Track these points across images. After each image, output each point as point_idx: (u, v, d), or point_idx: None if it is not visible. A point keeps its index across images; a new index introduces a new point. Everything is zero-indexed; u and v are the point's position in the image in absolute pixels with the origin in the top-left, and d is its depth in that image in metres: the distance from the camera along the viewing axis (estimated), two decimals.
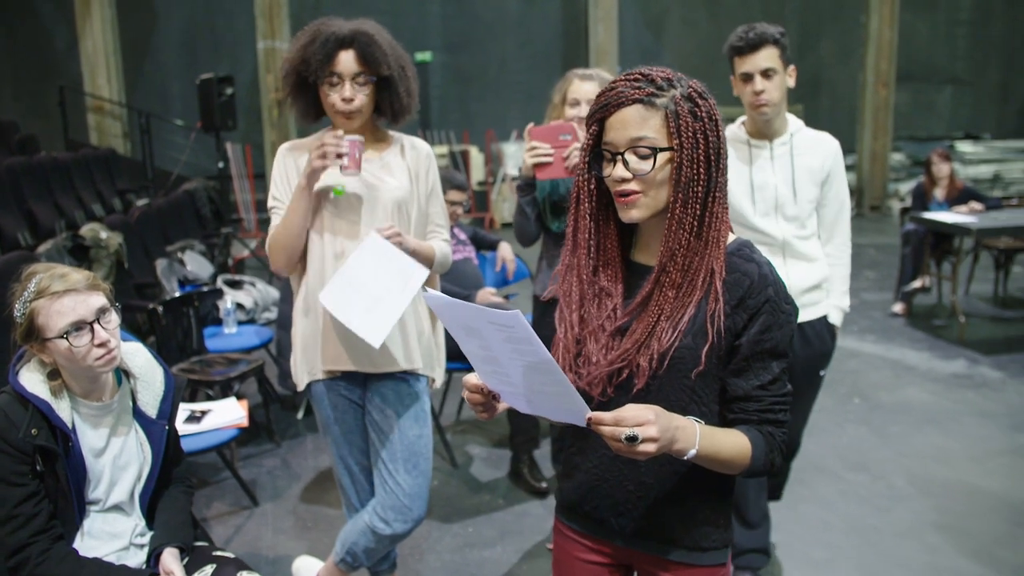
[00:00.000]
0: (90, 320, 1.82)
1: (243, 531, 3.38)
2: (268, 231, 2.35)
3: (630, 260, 1.45)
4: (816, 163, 2.60)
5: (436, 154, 2.43)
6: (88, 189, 7.26)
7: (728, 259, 1.36)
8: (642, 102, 1.31)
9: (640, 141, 1.31)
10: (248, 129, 10.29)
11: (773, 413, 1.37)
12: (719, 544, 1.45)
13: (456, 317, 1.24)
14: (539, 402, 1.28)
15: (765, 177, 2.61)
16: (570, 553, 1.55)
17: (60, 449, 1.83)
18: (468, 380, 1.35)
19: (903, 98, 11.98)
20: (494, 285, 4.32)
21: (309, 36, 2.20)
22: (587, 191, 1.41)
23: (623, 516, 1.45)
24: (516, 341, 1.16)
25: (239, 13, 10.72)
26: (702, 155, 1.31)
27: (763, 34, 2.46)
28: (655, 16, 12.13)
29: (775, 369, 1.37)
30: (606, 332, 1.40)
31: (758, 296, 1.34)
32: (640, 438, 1.17)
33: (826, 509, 3.44)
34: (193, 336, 4.11)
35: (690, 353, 1.34)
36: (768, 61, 2.48)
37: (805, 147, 2.61)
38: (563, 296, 1.45)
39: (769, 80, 2.49)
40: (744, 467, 1.34)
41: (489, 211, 10.68)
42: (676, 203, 1.32)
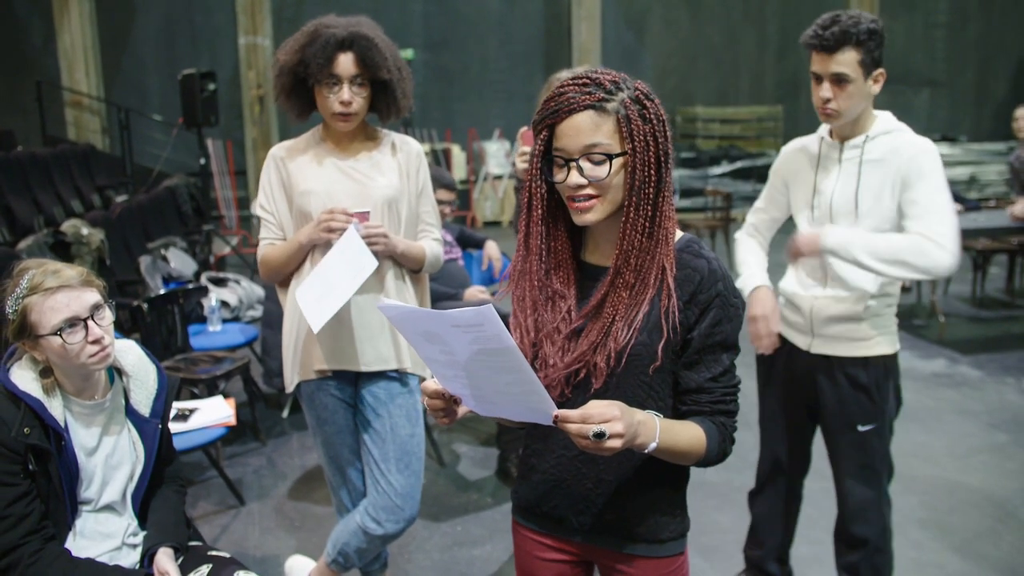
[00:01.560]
0: (84, 317, 1.80)
1: (229, 530, 3.36)
2: (259, 241, 2.38)
3: (581, 261, 1.47)
4: (887, 172, 2.18)
5: None
6: (67, 185, 7.17)
7: (678, 255, 1.39)
8: (593, 107, 1.31)
9: (594, 148, 1.32)
10: (228, 125, 10.20)
11: (724, 404, 1.41)
12: (676, 534, 1.49)
13: (414, 325, 1.24)
14: (503, 403, 1.28)
15: (828, 183, 2.29)
16: (531, 553, 1.58)
17: (53, 448, 1.81)
18: (427, 387, 1.35)
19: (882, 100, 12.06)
20: (481, 283, 4.32)
21: (308, 37, 2.18)
22: (539, 197, 1.41)
23: (583, 513, 1.48)
24: (484, 340, 1.16)
25: (218, 8, 10.63)
26: (652, 157, 1.33)
27: (844, 33, 2.07)
28: (637, 15, 12.17)
29: (725, 361, 1.41)
30: (561, 334, 1.41)
31: (709, 291, 1.37)
32: (607, 434, 1.19)
33: (812, 506, 3.46)
34: (178, 334, 4.07)
35: (646, 350, 1.37)
36: (842, 66, 2.10)
37: (879, 153, 2.20)
38: (516, 301, 1.47)
39: (841, 88, 2.13)
40: (699, 457, 1.39)
41: (471, 210, 10.67)
42: (630, 206, 1.34)
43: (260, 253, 2.35)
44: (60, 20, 9.53)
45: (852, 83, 2.11)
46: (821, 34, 2.11)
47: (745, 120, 11.95)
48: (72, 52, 9.59)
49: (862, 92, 2.14)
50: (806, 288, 2.38)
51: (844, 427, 2.37)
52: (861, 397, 2.32)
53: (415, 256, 2.36)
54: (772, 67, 12.78)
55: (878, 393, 2.32)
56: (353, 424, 2.43)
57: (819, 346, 2.36)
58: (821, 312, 2.33)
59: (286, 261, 2.31)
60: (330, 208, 2.20)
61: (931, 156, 2.16)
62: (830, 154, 2.29)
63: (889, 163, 2.18)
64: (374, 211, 2.27)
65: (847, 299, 2.29)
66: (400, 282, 2.36)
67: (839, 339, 2.32)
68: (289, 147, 2.35)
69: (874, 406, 2.33)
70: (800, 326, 2.39)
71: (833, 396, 2.36)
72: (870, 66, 2.12)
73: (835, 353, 2.33)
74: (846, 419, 2.35)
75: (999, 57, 13.43)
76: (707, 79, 12.49)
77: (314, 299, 2.18)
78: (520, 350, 1.43)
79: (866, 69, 2.12)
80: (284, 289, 2.39)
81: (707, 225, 8.51)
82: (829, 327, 2.32)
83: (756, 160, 11.40)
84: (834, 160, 2.28)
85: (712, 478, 3.64)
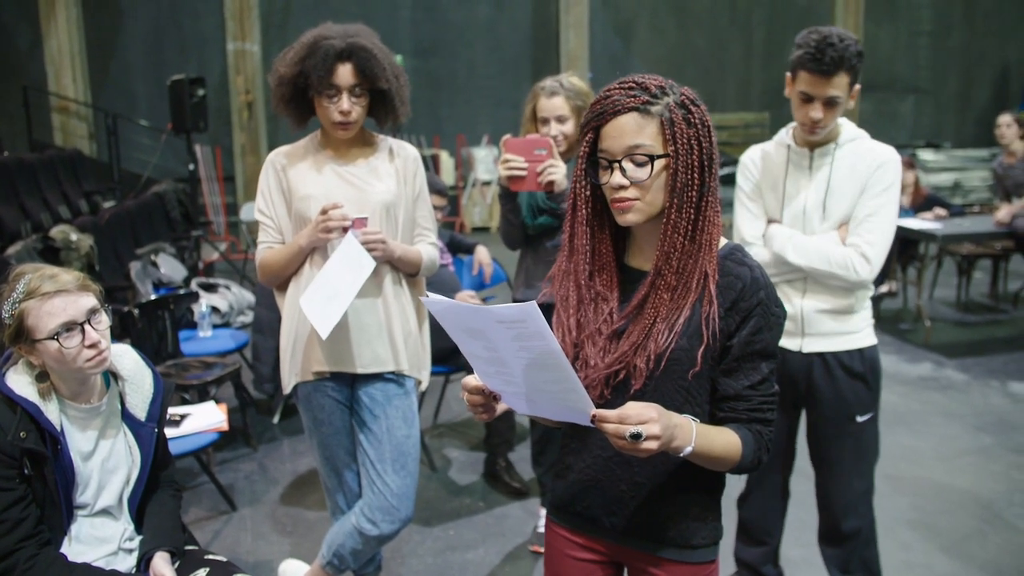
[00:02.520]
0: (81, 321, 1.80)
1: (222, 536, 3.35)
2: (257, 244, 2.40)
3: (624, 265, 1.48)
4: (856, 179, 2.27)
5: None
6: (54, 191, 7.13)
7: (721, 263, 1.40)
8: (638, 110, 1.34)
9: (637, 149, 1.34)
10: (217, 131, 10.18)
11: (761, 412, 1.42)
12: (708, 541, 1.49)
13: (458, 320, 1.25)
14: (541, 401, 1.29)
15: (797, 188, 2.35)
16: (561, 551, 1.58)
17: (49, 452, 1.81)
18: (468, 382, 1.36)
19: (867, 107, 12.22)
20: (471, 288, 4.34)
21: (307, 49, 2.20)
22: (583, 198, 1.43)
23: (615, 515, 1.48)
24: (526, 337, 1.18)
25: (206, 14, 10.61)
26: (696, 161, 1.35)
27: (840, 59, 2.12)
28: (624, 23, 12.23)
29: (764, 370, 1.41)
30: (603, 335, 1.42)
31: (750, 299, 1.38)
32: (644, 435, 1.20)
33: (802, 509, 3.49)
34: (168, 339, 4.06)
35: (686, 354, 1.37)
36: (837, 89, 2.16)
37: (850, 160, 2.29)
38: (560, 301, 1.48)
39: (831, 109, 2.20)
40: (734, 464, 1.39)
41: (460, 215, 10.68)
42: (672, 208, 1.35)
43: (259, 257, 2.36)
44: (46, 25, 9.49)
45: (840, 104, 2.20)
46: (820, 59, 2.13)
47: (732, 127, 12.01)
48: (59, 57, 9.56)
49: (843, 108, 2.24)
50: (789, 297, 2.39)
51: (843, 419, 2.39)
52: (859, 386, 2.37)
53: (412, 260, 2.38)
54: (758, 74, 12.86)
55: (874, 380, 2.39)
56: (349, 425, 2.44)
57: (811, 344, 2.38)
58: (811, 310, 2.36)
59: (285, 264, 2.32)
60: (324, 207, 2.21)
61: (894, 167, 2.28)
62: (799, 162, 2.35)
63: (857, 170, 2.27)
64: (372, 216, 2.29)
65: (836, 293, 2.34)
66: (397, 287, 2.38)
67: (832, 335, 2.36)
68: (288, 152, 2.37)
69: (871, 393, 2.39)
70: (788, 330, 2.36)
71: (830, 391, 2.38)
72: (852, 85, 2.21)
73: (830, 349, 2.37)
74: (845, 411, 2.38)
75: (982, 65, 13.58)
76: (694, 86, 12.28)
77: (319, 306, 2.20)
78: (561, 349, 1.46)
79: (850, 88, 2.20)
80: (282, 293, 2.40)
81: None
82: (821, 324, 2.36)
83: None
84: (804, 168, 2.34)
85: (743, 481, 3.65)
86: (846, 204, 2.29)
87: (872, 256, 2.26)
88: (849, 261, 2.26)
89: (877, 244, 2.26)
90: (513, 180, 2.61)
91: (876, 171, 2.25)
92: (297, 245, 2.27)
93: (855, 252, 2.26)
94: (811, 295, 2.35)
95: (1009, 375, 5.18)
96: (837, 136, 2.31)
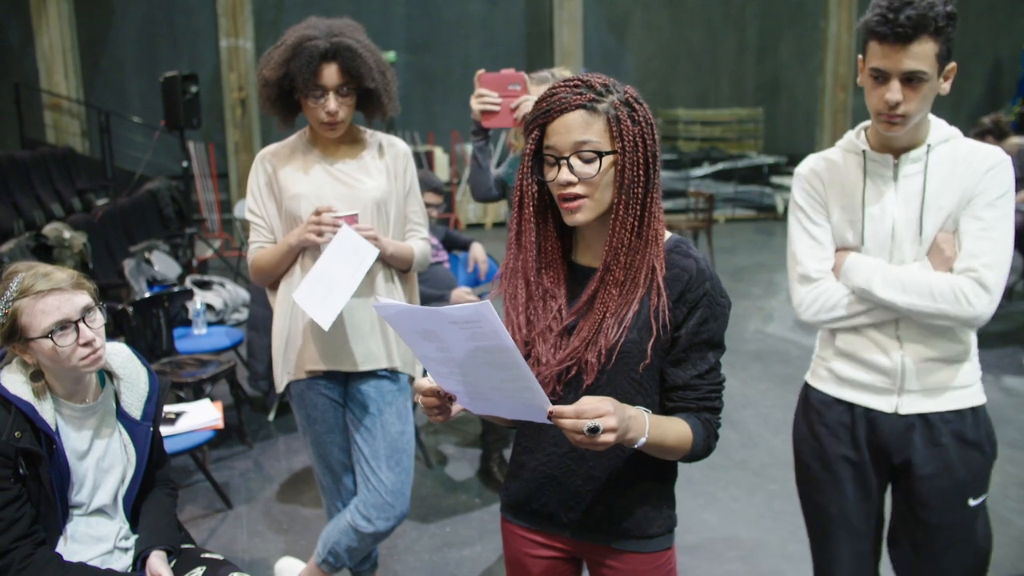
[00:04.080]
0: (75, 319, 1.80)
1: (217, 534, 3.35)
2: (249, 244, 2.40)
3: (571, 262, 1.50)
4: (958, 187, 1.77)
5: None
6: (46, 188, 7.11)
7: (667, 256, 1.43)
8: (584, 107, 1.35)
9: (584, 145, 1.35)
10: (210, 128, 10.15)
11: (710, 400, 1.45)
12: (664, 529, 1.52)
13: (410, 323, 1.26)
14: (498, 400, 1.30)
15: (882, 205, 1.83)
16: (520, 550, 1.60)
17: (44, 452, 1.80)
18: (421, 385, 1.38)
19: (860, 102, 12.22)
20: (467, 285, 4.33)
21: (291, 51, 2.19)
22: (529, 195, 1.44)
23: (572, 509, 1.50)
24: (480, 337, 1.18)
25: (198, 10, 10.58)
26: (641, 157, 1.37)
27: (922, 18, 1.62)
28: (618, 19, 12.23)
29: (711, 359, 1.45)
30: (553, 332, 1.44)
31: (696, 290, 1.41)
32: (601, 429, 1.22)
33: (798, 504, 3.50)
34: (163, 337, 4.06)
35: (636, 347, 1.40)
36: (919, 61, 1.65)
37: (947, 165, 1.79)
38: (508, 298, 1.49)
39: (914, 89, 1.68)
40: (685, 452, 1.42)
41: (454, 212, 10.67)
42: (619, 204, 1.38)
43: (251, 257, 2.36)
44: (38, 21, 9.45)
45: (927, 82, 1.68)
46: (893, 19, 1.64)
47: (726, 122, 12.03)
48: (51, 54, 9.52)
49: (934, 92, 1.72)
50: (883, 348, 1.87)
51: (952, 502, 1.87)
52: (973, 458, 1.86)
53: (404, 256, 2.38)
54: (752, 69, 12.88)
55: (990, 448, 1.89)
56: (343, 423, 2.43)
57: (911, 404, 1.86)
58: (914, 361, 1.84)
59: (276, 263, 2.32)
60: (318, 209, 2.21)
61: (1007, 171, 1.77)
62: (880, 171, 1.84)
63: (958, 176, 1.78)
64: (363, 213, 2.29)
65: (944, 335, 1.83)
66: (390, 283, 2.38)
67: (938, 391, 1.85)
68: (276, 151, 2.36)
69: (986, 467, 1.89)
70: (880, 386, 1.88)
71: (937, 463, 1.85)
72: (944, 59, 1.69)
73: (935, 409, 1.85)
74: (955, 491, 1.87)
75: (974, 59, 13.60)
76: (688, 81, 12.56)
77: (319, 299, 2.19)
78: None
79: (941, 63, 1.69)
80: (273, 291, 2.40)
81: (689, 226, 8.56)
82: (926, 377, 1.85)
83: (737, 162, 11.49)
84: (887, 178, 1.83)
85: (698, 476, 3.67)
86: (948, 221, 1.80)
87: (991, 283, 1.74)
88: (959, 292, 1.74)
89: (996, 267, 1.74)
90: (486, 115, 2.55)
91: (986, 175, 1.76)
92: (287, 244, 2.27)
93: (967, 280, 1.74)
94: (910, 341, 1.84)
95: (1003, 369, 5.20)
96: (926, 136, 1.81)
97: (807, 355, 5.73)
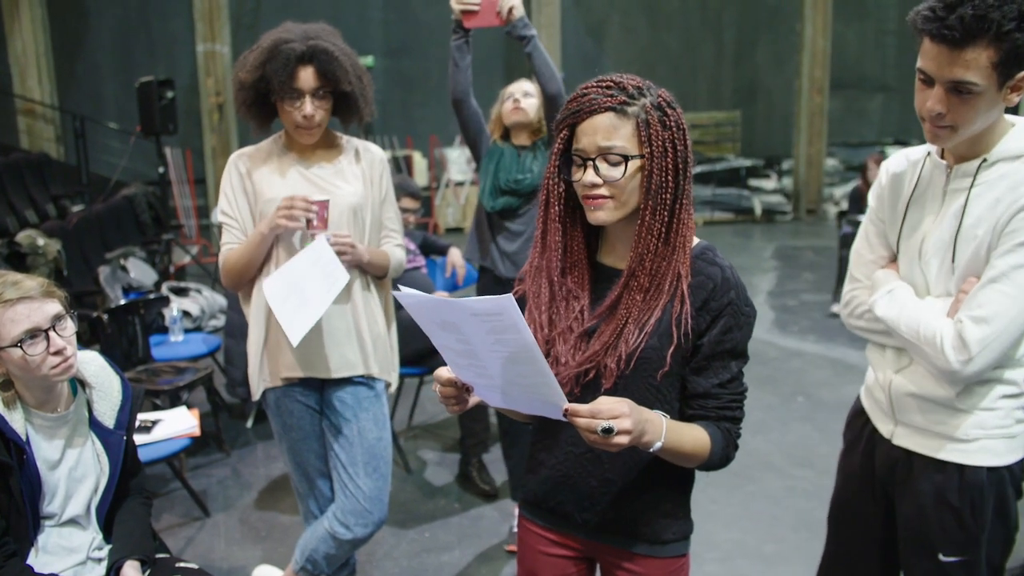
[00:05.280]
0: (45, 328, 1.78)
1: (195, 542, 3.32)
2: (221, 246, 2.36)
3: (596, 262, 1.49)
4: (995, 214, 1.52)
5: None
6: (20, 195, 7.03)
7: (692, 262, 1.41)
8: (614, 110, 1.34)
9: (611, 149, 1.34)
10: (187, 134, 10.07)
11: (730, 410, 1.44)
12: (679, 536, 1.51)
13: (431, 313, 1.25)
14: (515, 394, 1.30)
15: (919, 218, 1.65)
16: (534, 547, 1.59)
17: (14, 462, 1.78)
18: (440, 374, 1.37)
19: (836, 105, 12.35)
20: (444, 290, 4.33)
21: (267, 54, 2.18)
22: (556, 195, 1.44)
23: (587, 511, 1.49)
24: (500, 331, 1.18)
25: (174, 14, 10.50)
26: (671, 163, 1.36)
27: (982, 20, 1.35)
28: (596, 23, 12.27)
29: (734, 368, 1.43)
30: (574, 334, 1.43)
31: (721, 299, 1.39)
32: (615, 430, 1.21)
33: (775, 505, 3.53)
34: (139, 344, 4.02)
35: (656, 354, 1.39)
36: (968, 70, 1.40)
37: (998, 188, 1.52)
38: (532, 297, 1.49)
39: (961, 100, 1.44)
40: (703, 460, 1.41)
41: (433, 216, 10.65)
42: (646, 210, 1.36)
43: (222, 258, 2.33)
44: (10, 25, 9.33)
45: (980, 95, 1.42)
46: (942, 17, 1.38)
47: (704, 125, 12.10)
48: (24, 58, 9.39)
49: (992, 105, 1.45)
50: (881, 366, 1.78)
51: (920, 550, 1.72)
52: (947, 518, 1.66)
53: (380, 263, 2.37)
54: (729, 73, 12.96)
55: (972, 518, 1.64)
56: (319, 430, 2.42)
57: (903, 437, 1.73)
58: (900, 390, 1.70)
59: (249, 259, 2.27)
60: (290, 195, 2.19)
61: None
62: (934, 179, 1.63)
63: (1002, 204, 1.51)
64: (339, 219, 2.28)
65: (934, 376, 1.62)
66: (366, 291, 2.37)
67: (929, 433, 1.67)
68: (251, 154, 2.35)
69: (964, 533, 1.66)
70: (883, 407, 1.78)
71: (911, 507, 1.72)
72: (1011, 68, 1.40)
73: (921, 451, 1.69)
74: (924, 541, 1.71)
75: None
76: (666, 85, 12.33)
77: (290, 309, 2.18)
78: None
79: (1003, 74, 1.40)
80: (247, 298, 2.38)
81: None
82: (912, 412, 1.69)
83: (715, 164, 11.56)
84: (937, 189, 1.62)
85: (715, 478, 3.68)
86: (978, 254, 1.54)
87: (973, 339, 1.50)
88: (939, 340, 1.54)
89: (987, 323, 1.49)
90: (467, 15, 2.54)
91: (1019, 213, 1.48)
92: (259, 234, 2.23)
93: (952, 329, 1.54)
94: (907, 372, 1.70)
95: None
96: (991, 147, 1.54)
97: (785, 357, 5.82)
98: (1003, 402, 1.61)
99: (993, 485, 1.64)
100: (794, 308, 6.80)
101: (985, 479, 1.63)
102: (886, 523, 1.84)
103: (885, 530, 1.86)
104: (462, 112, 3.02)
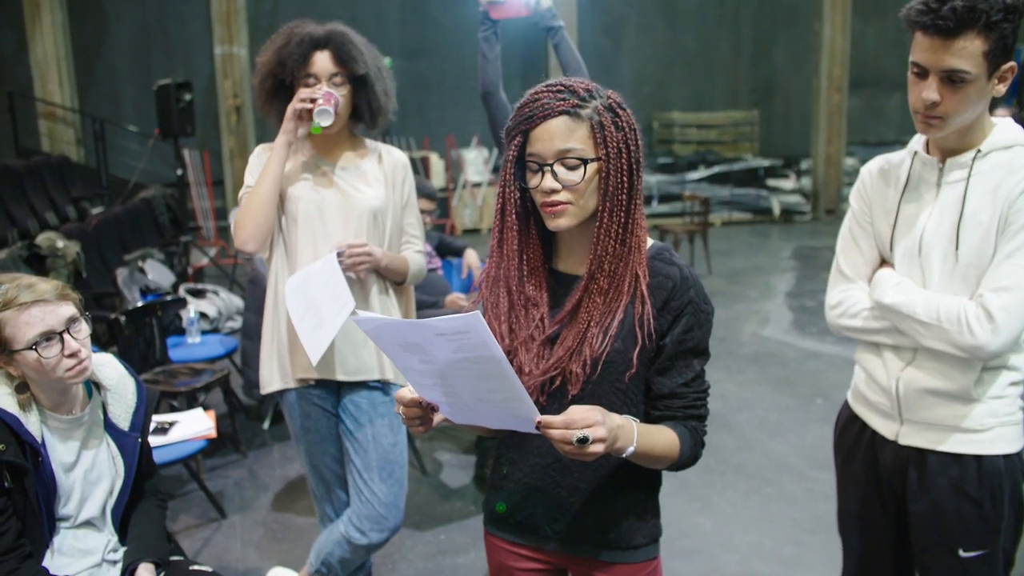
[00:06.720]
0: (59, 330, 1.78)
1: (211, 544, 3.33)
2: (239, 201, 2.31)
3: (553, 269, 1.48)
4: (998, 204, 1.58)
5: None
6: (41, 197, 7.10)
7: (650, 263, 1.41)
8: (568, 113, 1.33)
9: (568, 152, 1.33)
10: (205, 135, 10.14)
11: (696, 408, 1.44)
12: (649, 540, 1.50)
13: (392, 336, 1.23)
14: (484, 410, 1.28)
15: (916, 213, 1.68)
16: (504, 563, 1.57)
17: (29, 464, 1.79)
18: (402, 395, 1.34)
19: (855, 104, 12.24)
20: (460, 291, 4.32)
21: (284, 38, 2.20)
22: (512, 202, 1.42)
23: (557, 521, 1.48)
24: (468, 348, 1.15)
25: (192, 17, 10.56)
26: (625, 164, 1.35)
27: (971, 10, 1.45)
28: (613, 23, 12.23)
29: (696, 367, 1.43)
30: (536, 342, 1.42)
31: (681, 298, 1.39)
32: (590, 439, 1.20)
33: (793, 507, 3.49)
34: (156, 346, 4.04)
35: (621, 357, 1.38)
36: (962, 59, 1.48)
37: (995, 176, 1.59)
38: (490, 307, 1.46)
39: (954, 89, 1.52)
40: (672, 461, 1.41)
41: (450, 218, 10.66)
42: (604, 212, 1.36)
43: (236, 213, 2.27)
44: (32, 30, 9.43)
45: (972, 83, 1.50)
46: (935, 9, 1.47)
47: (721, 125, 12.03)
48: (44, 62, 9.49)
49: (982, 94, 1.54)
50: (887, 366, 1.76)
51: (939, 548, 1.72)
52: (967, 511, 1.67)
53: (398, 269, 2.36)
54: (747, 72, 12.88)
55: (992, 508, 1.66)
56: (336, 433, 2.42)
57: (910, 435, 1.73)
58: (912, 386, 1.70)
59: (260, 193, 2.20)
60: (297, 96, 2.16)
61: None
62: (924, 175, 1.69)
63: (1002, 191, 1.58)
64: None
65: (951, 366, 1.64)
66: (384, 296, 2.36)
67: (938, 428, 1.68)
68: None
69: (985, 525, 1.67)
70: (884, 408, 1.78)
71: (927, 505, 1.71)
72: (998, 58, 1.50)
73: (934, 447, 1.69)
74: (943, 538, 1.70)
75: None
76: (683, 85, 12.56)
77: (308, 328, 2.17)
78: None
79: (991, 63, 1.50)
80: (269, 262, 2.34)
81: (685, 230, 8.56)
82: (924, 409, 1.69)
83: (733, 165, 11.49)
84: (930, 183, 1.68)
85: (694, 480, 3.65)
86: (986, 241, 1.59)
87: (999, 312, 1.54)
88: (963, 316, 1.57)
89: (1011, 291, 1.54)
90: (494, 7, 2.51)
91: (1022, 195, 1.56)
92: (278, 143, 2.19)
93: (974, 304, 1.57)
94: (917, 368, 1.70)
95: None
96: (981, 139, 1.62)
97: (803, 358, 5.76)
98: (1010, 389, 1.68)
99: (1009, 472, 1.68)
100: (812, 309, 6.74)
101: (1003, 467, 1.66)
102: (897, 527, 1.84)
103: (897, 534, 1.85)
104: (491, 104, 2.97)
